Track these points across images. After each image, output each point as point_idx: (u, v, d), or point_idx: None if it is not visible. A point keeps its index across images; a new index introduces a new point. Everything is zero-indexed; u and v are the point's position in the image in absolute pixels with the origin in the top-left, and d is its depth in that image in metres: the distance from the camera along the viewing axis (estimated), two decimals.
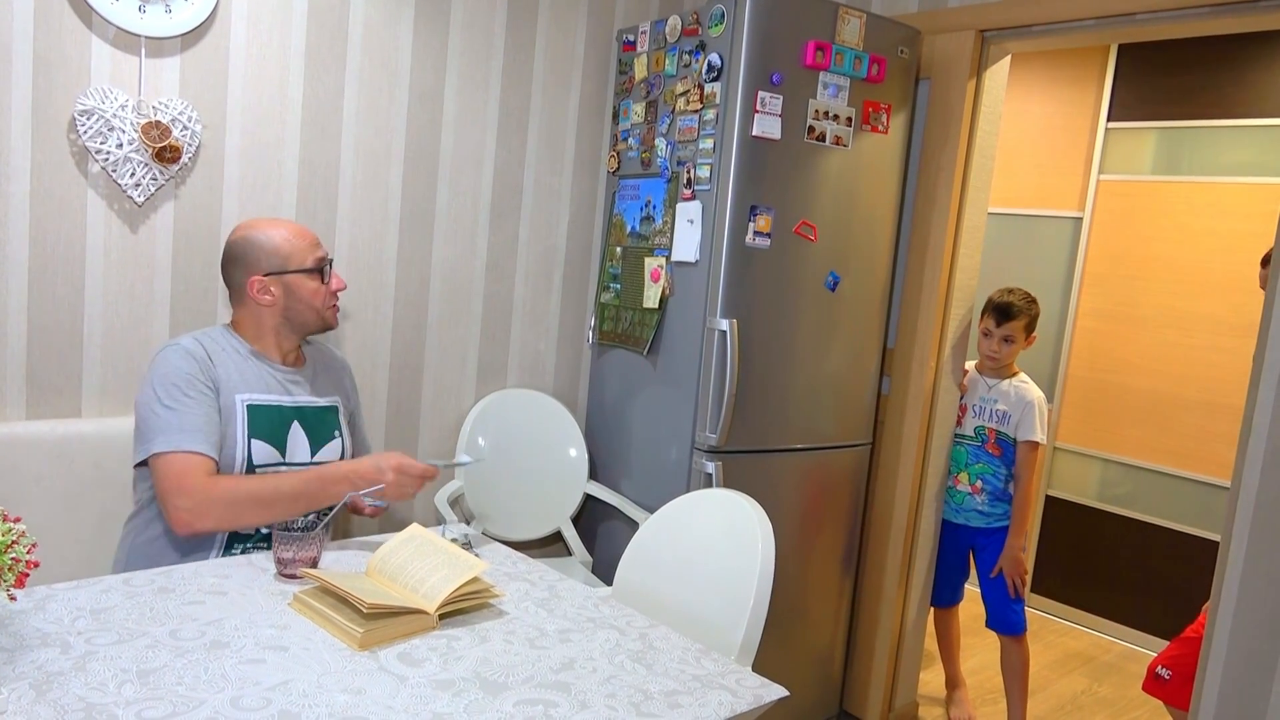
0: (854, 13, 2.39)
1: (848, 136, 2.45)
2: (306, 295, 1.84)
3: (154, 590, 1.46)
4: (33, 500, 1.94)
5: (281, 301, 1.83)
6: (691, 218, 2.42)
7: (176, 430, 1.68)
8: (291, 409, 1.84)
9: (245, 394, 1.78)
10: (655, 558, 1.83)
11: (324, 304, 1.87)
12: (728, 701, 1.29)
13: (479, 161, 2.63)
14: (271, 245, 1.82)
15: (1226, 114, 3.48)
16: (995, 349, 2.75)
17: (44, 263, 2.02)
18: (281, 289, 1.83)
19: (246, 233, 1.84)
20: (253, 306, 1.84)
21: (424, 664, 1.30)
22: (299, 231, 1.86)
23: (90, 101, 1.99)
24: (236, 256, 1.83)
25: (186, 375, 1.72)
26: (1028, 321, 2.75)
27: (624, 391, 2.73)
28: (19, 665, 1.19)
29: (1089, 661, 3.52)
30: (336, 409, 1.95)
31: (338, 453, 1.91)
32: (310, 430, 1.86)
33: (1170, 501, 3.63)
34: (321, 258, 1.87)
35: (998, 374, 2.79)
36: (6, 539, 1.06)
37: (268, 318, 1.84)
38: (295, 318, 1.86)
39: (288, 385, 1.86)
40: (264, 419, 1.79)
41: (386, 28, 2.40)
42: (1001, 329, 2.74)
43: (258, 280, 1.81)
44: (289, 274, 1.83)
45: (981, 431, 2.78)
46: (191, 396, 1.71)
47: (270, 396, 1.82)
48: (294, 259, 1.83)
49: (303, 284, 1.84)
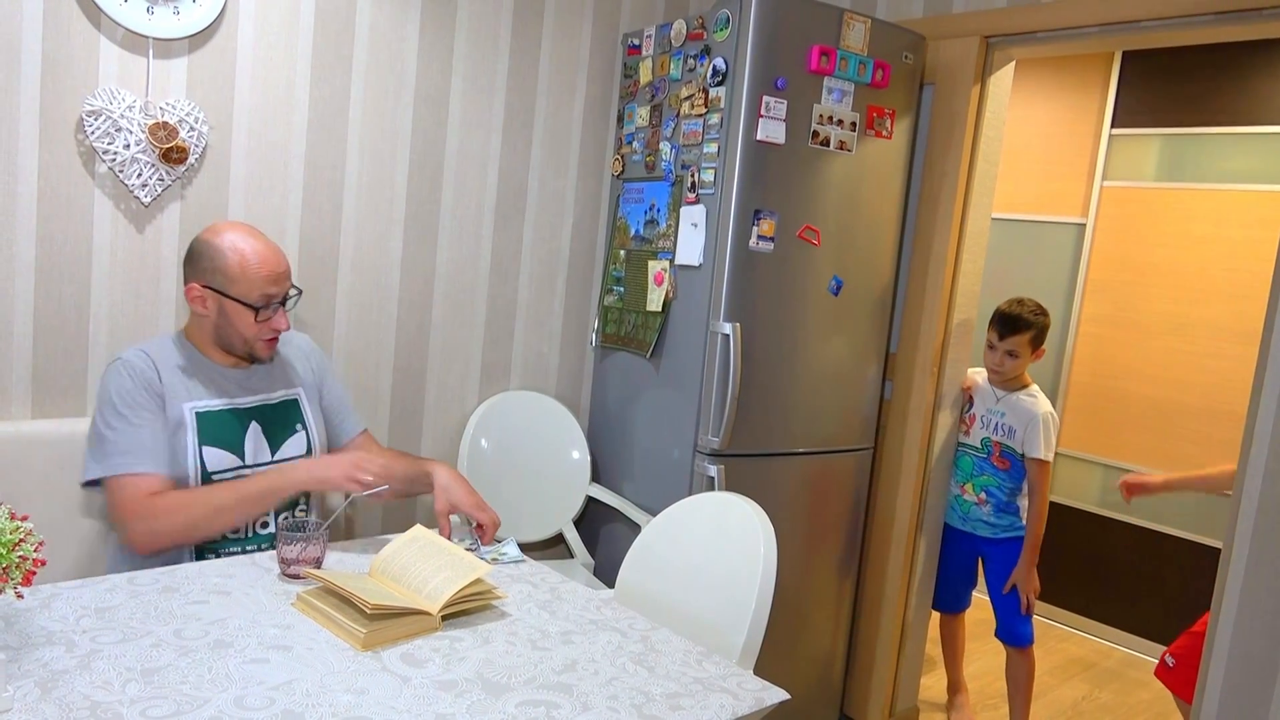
0: (859, 18, 2.40)
1: (852, 141, 2.45)
2: (239, 324, 1.78)
3: (158, 590, 1.46)
4: (38, 499, 1.95)
5: (213, 317, 1.79)
6: (695, 221, 2.42)
7: (120, 453, 1.68)
8: (246, 410, 1.82)
9: (193, 402, 1.77)
10: (657, 560, 1.84)
11: (255, 336, 1.80)
12: (729, 704, 1.29)
13: (484, 164, 2.64)
14: (224, 261, 1.76)
15: (1230, 121, 3.48)
16: (998, 363, 2.70)
17: (51, 262, 2.03)
18: (216, 306, 1.78)
19: (211, 237, 1.79)
20: (192, 311, 1.81)
21: (427, 665, 1.31)
22: (264, 259, 1.77)
23: (98, 102, 2.00)
24: (192, 254, 1.80)
25: (128, 394, 1.71)
26: (1034, 334, 2.67)
27: (627, 394, 2.74)
28: (24, 663, 1.19)
29: (1090, 668, 3.52)
30: (297, 400, 1.92)
31: (302, 446, 1.89)
32: (269, 429, 1.85)
33: (1172, 508, 3.63)
34: (271, 295, 1.78)
35: (1006, 385, 2.74)
36: (14, 537, 1.07)
37: (205, 326, 1.81)
38: (223, 338, 1.81)
39: (240, 386, 1.83)
40: (215, 425, 1.78)
41: (393, 30, 2.41)
42: (1005, 342, 2.67)
43: (195, 287, 1.77)
44: (226, 298, 1.76)
45: (988, 443, 2.75)
46: (132, 415, 1.70)
47: (220, 401, 1.80)
48: (237, 286, 1.75)
49: (238, 311, 1.77)
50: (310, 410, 1.95)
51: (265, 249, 1.79)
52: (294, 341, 2.01)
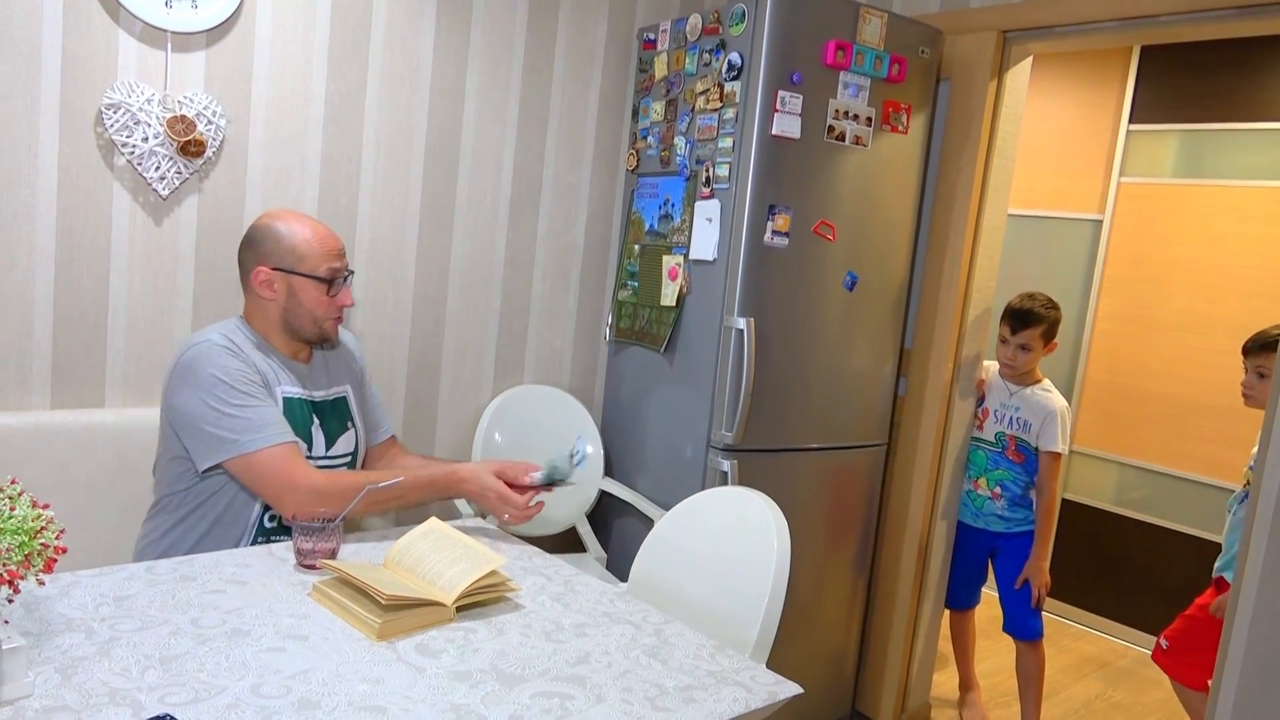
0: (875, 12, 2.39)
1: (867, 136, 2.44)
2: (308, 302, 1.80)
3: (176, 578, 1.48)
4: (57, 488, 1.97)
5: (282, 300, 1.80)
6: (710, 216, 2.42)
7: (257, 428, 1.67)
8: (309, 403, 1.85)
9: (280, 386, 1.79)
10: (671, 554, 1.84)
11: (324, 314, 1.82)
12: (742, 698, 1.29)
13: (499, 158, 2.65)
14: (290, 241, 1.79)
15: (1248, 117, 3.45)
16: (1011, 357, 2.71)
17: (70, 254, 2.05)
18: (285, 287, 1.79)
19: (270, 221, 1.82)
20: (255, 297, 1.81)
21: (441, 655, 1.32)
22: (323, 236, 1.82)
23: (117, 96, 2.01)
24: (252, 240, 1.81)
25: (239, 371, 1.71)
26: (1046, 328, 2.68)
27: (640, 389, 2.74)
28: (45, 650, 1.21)
29: (1104, 666, 3.50)
30: (345, 399, 1.95)
31: (352, 443, 1.92)
32: (325, 424, 1.87)
33: (1188, 506, 3.60)
34: (337, 269, 1.82)
35: (1019, 380, 2.76)
36: (36, 524, 1.08)
37: (271, 311, 1.81)
38: (292, 321, 1.81)
39: (302, 380, 1.85)
40: (297, 412, 1.81)
41: (409, 24, 2.42)
42: (1017, 336, 2.69)
43: (264, 271, 1.78)
44: (296, 275, 1.79)
45: (1002, 438, 2.75)
46: (255, 391, 1.71)
47: (296, 389, 1.83)
48: (306, 262, 1.79)
49: (307, 289, 1.79)
50: (356, 408, 1.97)
51: (322, 226, 1.85)
52: (343, 337, 2.02)
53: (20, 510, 1.08)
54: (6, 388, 2.01)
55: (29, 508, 1.09)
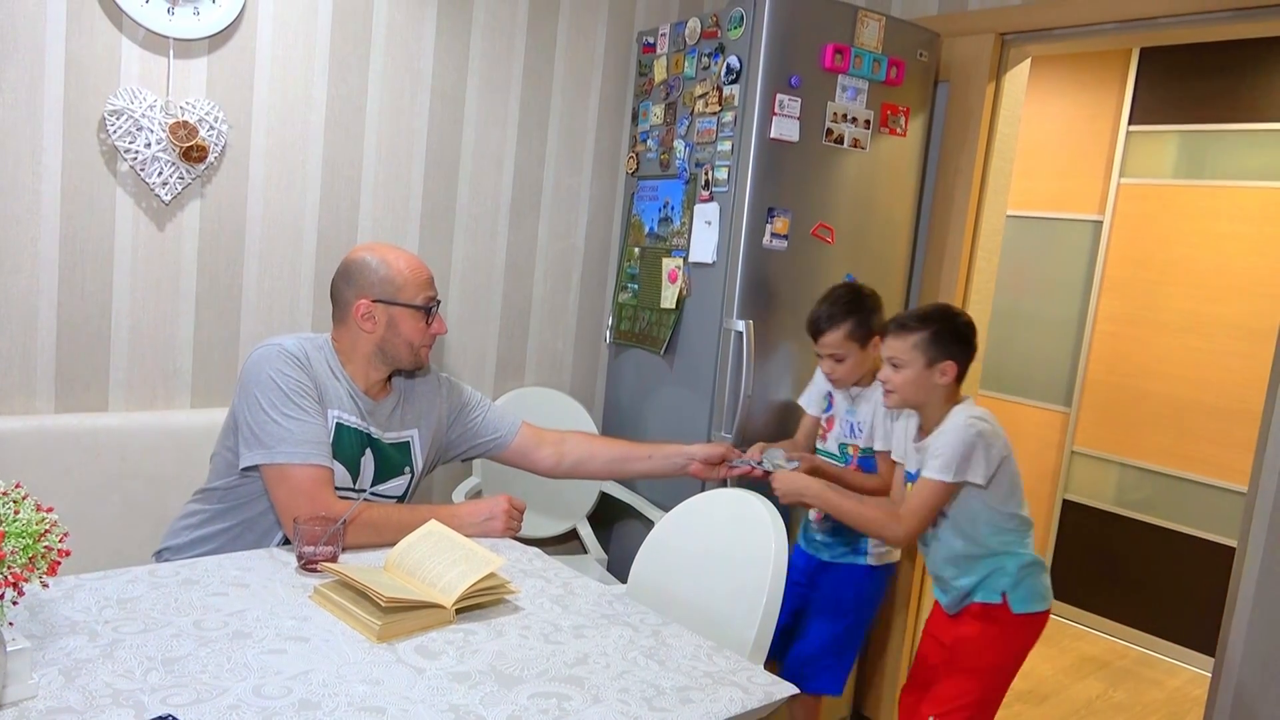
0: (873, 15, 2.40)
1: (866, 139, 2.45)
2: (406, 331, 1.82)
3: (179, 581, 1.49)
4: (61, 491, 1.99)
5: (381, 331, 1.81)
6: (709, 219, 2.43)
7: (298, 442, 1.68)
8: (366, 436, 1.83)
9: (336, 410, 1.79)
10: (669, 556, 1.85)
11: (420, 342, 1.85)
12: (739, 698, 1.30)
13: (499, 162, 2.66)
14: (387, 272, 1.81)
15: (1248, 118, 3.45)
16: (830, 371, 2.21)
17: (74, 260, 2.06)
18: (385, 318, 1.81)
19: (366, 254, 1.84)
20: (353, 328, 1.82)
21: (441, 656, 1.33)
22: (417, 267, 1.85)
23: (120, 102, 2.03)
24: (350, 274, 1.83)
25: (298, 383, 1.71)
26: (850, 327, 2.14)
27: (641, 391, 2.75)
28: (49, 652, 1.22)
29: (1104, 666, 3.51)
30: (408, 445, 1.92)
31: (404, 487, 1.91)
32: (380, 462, 1.86)
33: (1188, 507, 3.61)
34: (431, 297, 1.85)
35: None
36: (40, 528, 1.09)
37: (363, 343, 1.82)
38: (390, 350, 1.83)
39: (365, 414, 1.84)
40: (347, 440, 1.79)
41: (409, 29, 2.43)
42: (821, 347, 2.20)
43: (364, 304, 1.80)
44: (396, 305, 1.81)
45: (845, 450, 2.28)
46: (307, 405, 1.71)
47: (353, 419, 1.82)
48: (405, 292, 1.81)
49: (406, 319, 1.82)
50: (420, 452, 1.94)
51: (415, 257, 1.87)
52: (431, 381, 1.99)
53: (24, 513, 1.10)
54: (11, 392, 2.03)
55: (33, 511, 1.11)
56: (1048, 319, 3.97)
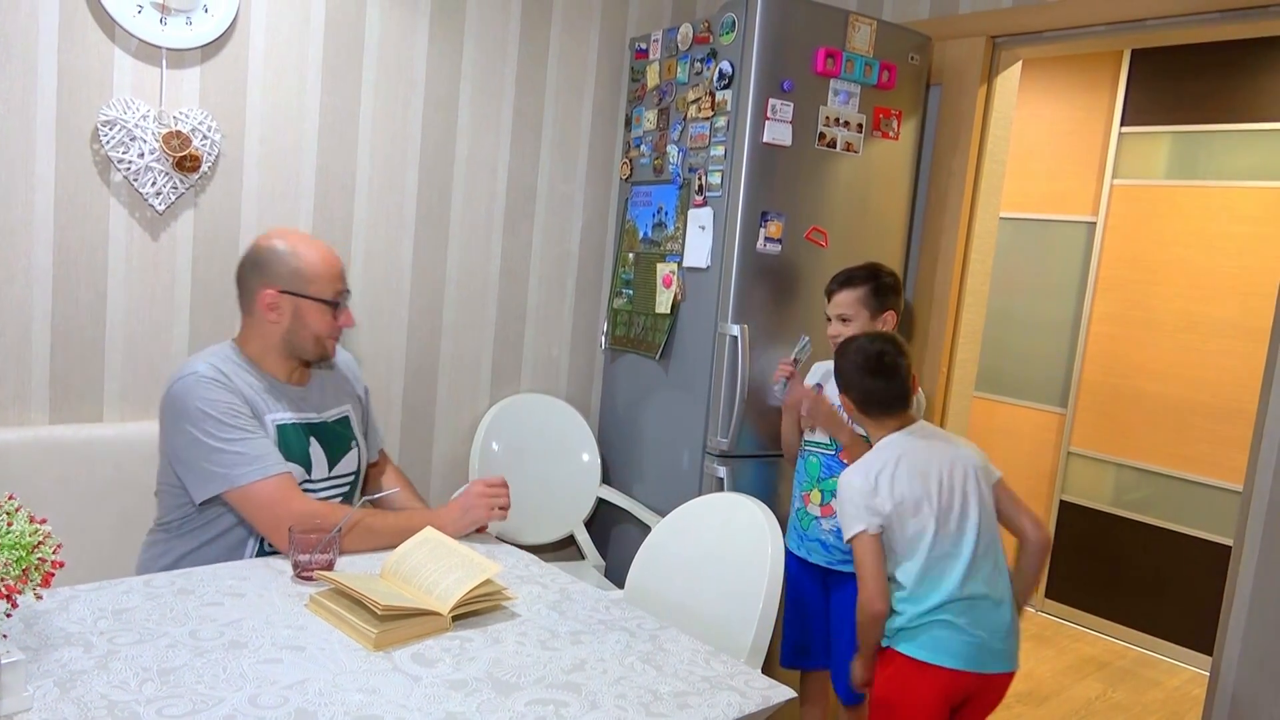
0: (864, 20, 2.40)
1: (858, 143, 2.46)
2: (313, 323, 1.80)
3: (174, 591, 1.49)
4: (55, 502, 1.98)
5: (287, 322, 1.79)
6: (703, 224, 2.44)
7: (248, 461, 1.67)
8: (305, 426, 1.83)
9: (271, 414, 1.78)
10: (667, 561, 1.85)
11: (327, 334, 1.83)
12: (736, 702, 1.30)
13: (493, 168, 2.66)
14: (298, 264, 1.78)
15: (1240, 118, 3.47)
16: (836, 333, 2.16)
17: (67, 270, 2.06)
18: (291, 309, 1.79)
19: (277, 242, 1.80)
20: (258, 318, 1.80)
21: (437, 664, 1.33)
22: (328, 259, 1.82)
23: (113, 112, 2.03)
24: (258, 263, 1.80)
25: (228, 404, 1.70)
26: (870, 289, 2.14)
27: (636, 396, 2.75)
28: (43, 664, 1.22)
29: (1103, 667, 3.51)
30: (347, 419, 1.94)
31: (355, 463, 1.91)
32: (326, 446, 1.86)
33: (1185, 506, 3.61)
34: (340, 291, 1.83)
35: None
36: (33, 539, 1.09)
37: (270, 334, 1.80)
38: (295, 341, 1.81)
39: (297, 403, 1.84)
40: (291, 438, 1.79)
41: (402, 38, 2.43)
42: (833, 305, 2.18)
43: (271, 294, 1.77)
44: (304, 298, 1.78)
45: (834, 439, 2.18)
46: (244, 423, 1.70)
47: (290, 415, 1.81)
48: (315, 285, 1.79)
49: (313, 311, 1.79)
50: (357, 427, 1.96)
51: (326, 247, 1.85)
52: (341, 357, 2.01)
53: (17, 525, 1.09)
54: (5, 402, 2.02)
55: (26, 523, 1.10)
56: (1042, 320, 3.98)
